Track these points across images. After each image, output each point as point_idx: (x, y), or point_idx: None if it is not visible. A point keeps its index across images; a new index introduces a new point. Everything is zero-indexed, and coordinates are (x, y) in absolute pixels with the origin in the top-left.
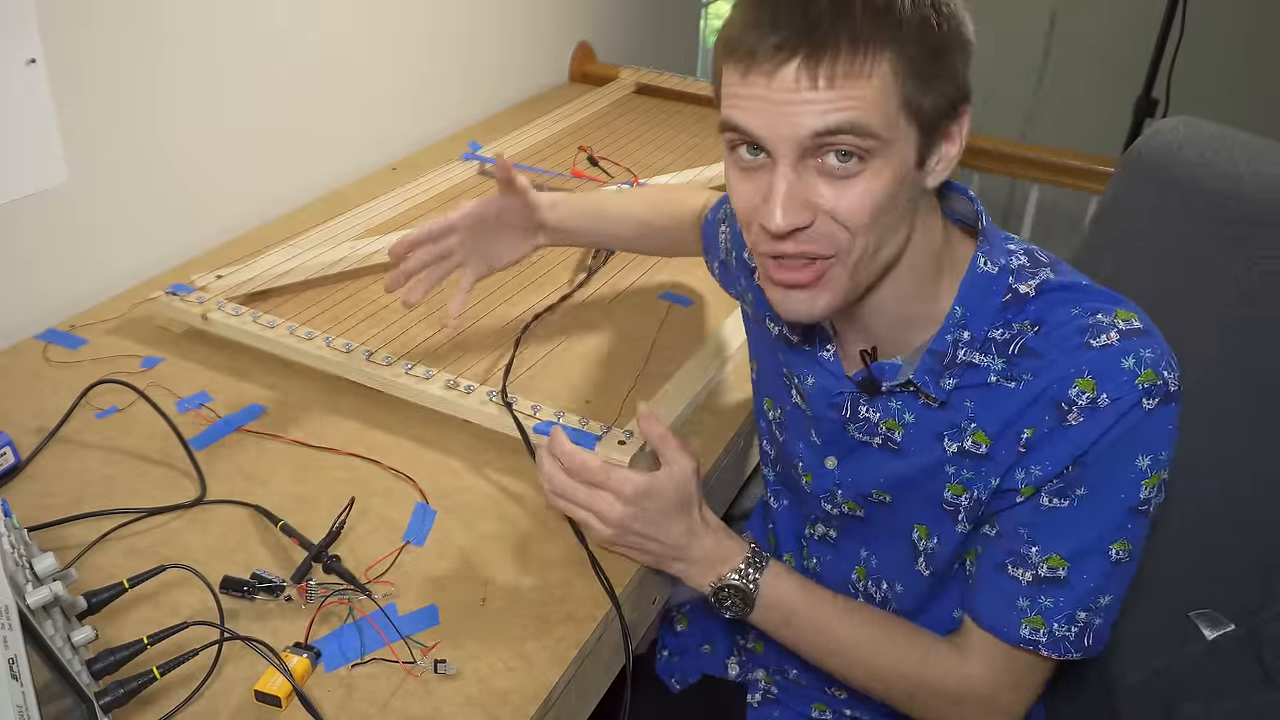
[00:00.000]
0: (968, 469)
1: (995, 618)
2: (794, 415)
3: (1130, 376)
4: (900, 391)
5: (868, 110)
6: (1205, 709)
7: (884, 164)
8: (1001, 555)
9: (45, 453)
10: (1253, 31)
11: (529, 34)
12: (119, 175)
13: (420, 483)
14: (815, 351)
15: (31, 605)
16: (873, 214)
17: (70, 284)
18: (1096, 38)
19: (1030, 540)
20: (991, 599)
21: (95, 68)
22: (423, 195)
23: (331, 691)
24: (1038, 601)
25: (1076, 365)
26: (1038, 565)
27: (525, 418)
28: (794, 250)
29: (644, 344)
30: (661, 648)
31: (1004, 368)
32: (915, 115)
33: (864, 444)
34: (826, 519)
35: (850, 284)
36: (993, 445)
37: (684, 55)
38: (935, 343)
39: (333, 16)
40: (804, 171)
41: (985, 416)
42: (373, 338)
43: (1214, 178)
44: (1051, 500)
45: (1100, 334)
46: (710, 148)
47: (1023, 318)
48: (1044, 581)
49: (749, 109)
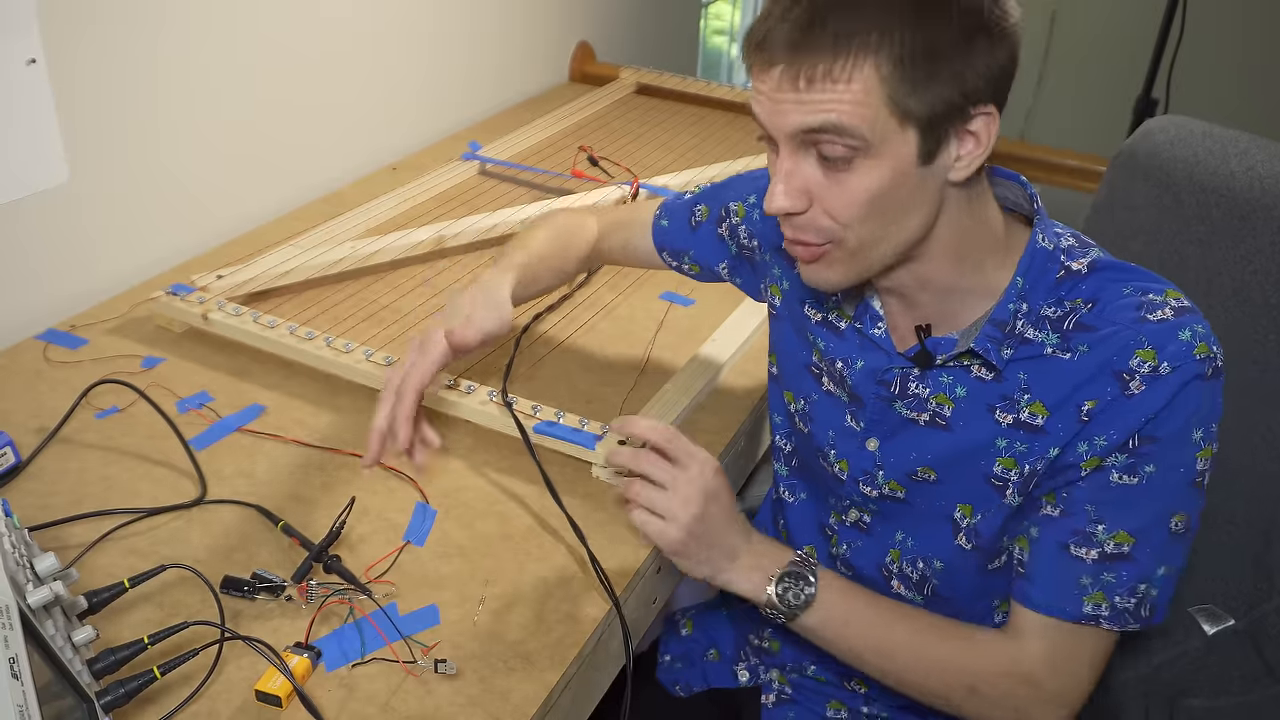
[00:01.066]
0: (1021, 442)
1: (1056, 599)
2: (824, 404)
3: (1188, 348)
4: (953, 366)
5: (848, 113)
6: (1208, 704)
7: (876, 161)
8: (1065, 535)
9: (46, 453)
10: (1253, 31)
11: (529, 34)
12: (119, 175)
13: (420, 483)
14: (866, 329)
15: (32, 605)
16: (863, 208)
17: (70, 284)
18: (1097, 37)
19: (1096, 519)
20: (1052, 581)
21: (95, 68)
22: (423, 195)
23: (332, 691)
24: (1101, 578)
25: (1136, 337)
26: (1104, 543)
27: (525, 418)
28: (790, 235)
29: (644, 344)
30: (664, 652)
31: (1059, 341)
32: (908, 116)
33: (910, 421)
34: (863, 503)
35: (856, 265)
36: (1050, 417)
37: (684, 55)
38: (997, 311)
39: (333, 17)
40: (803, 159)
41: (1041, 387)
42: (373, 338)
43: (1206, 175)
44: (1121, 477)
45: (1156, 310)
46: (710, 148)
47: (1075, 295)
48: (1109, 559)
49: (757, 101)
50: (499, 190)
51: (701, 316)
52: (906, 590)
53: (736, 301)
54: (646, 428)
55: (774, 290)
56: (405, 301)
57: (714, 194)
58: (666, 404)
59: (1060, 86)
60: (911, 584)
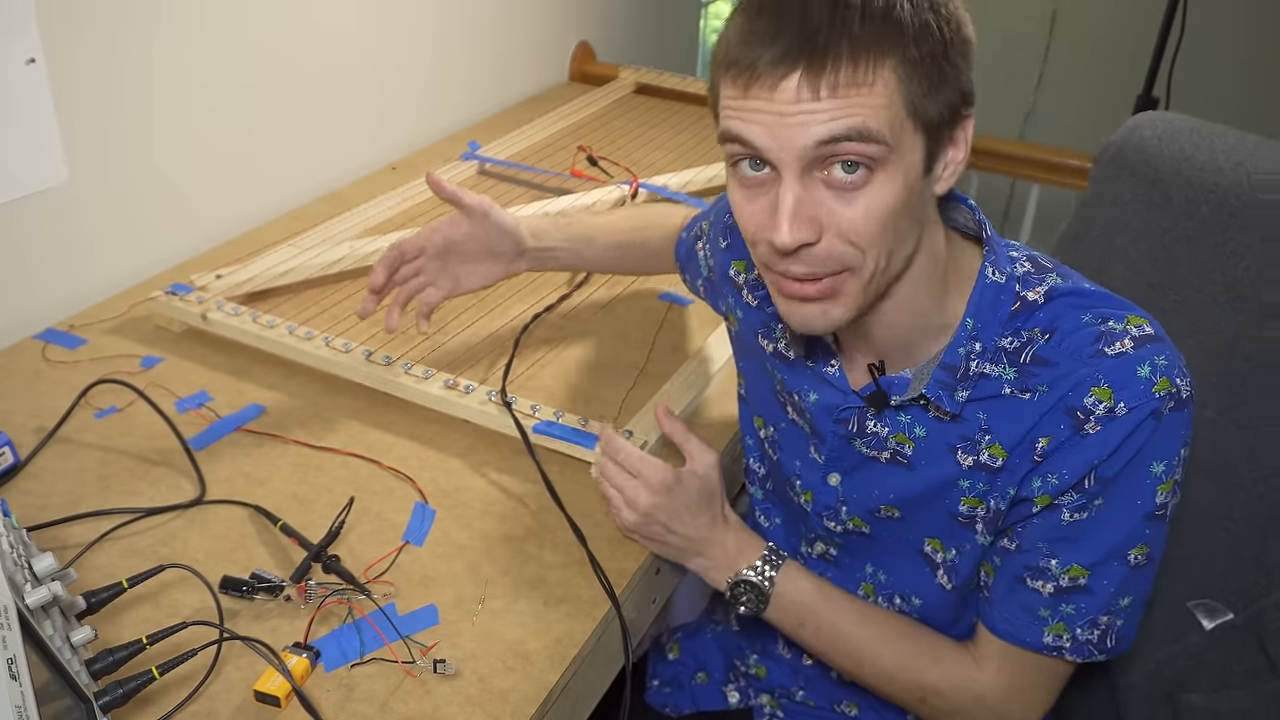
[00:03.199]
0: (983, 482)
1: (1016, 628)
2: (790, 433)
3: (1147, 385)
4: (910, 405)
5: (871, 117)
6: (1208, 699)
7: (892, 172)
8: (1020, 569)
9: (44, 453)
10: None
11: (529, 34)
12: (118, 175)
13: (420, 483)
14: (819, 367)
15: (30, 605)
16: (881, 226)
17: (70, 284)
18: (1097, 37)
19: (1050, 554)
20: (1012, 610)
21: (95, 68)
22: (423, 195)
23: (331, 691)
24: (1059, 610)
25: (1091, 373)
26: (1058, 577)
27: (525, 418)
28: (801, 271)
29: (644, 344)
30: (652, 676)
31: (1016, 378)
32: (920, 121)
33: (871, 459)
34: (828, 536)
35: (864, 297)
36: (1008, 458)
37: (684, 55)
38: (947, 355)
39: (333, 16)
40: (810, 185)
41: (1000, 429)
42: (373, 338)
43: (1195, 171)
44: (1071, 515)
45: (1114, 341)
46: (710, 148)
47: (1033, 325)
48: (1065, 591)
49: (752, 121)
50: (498, 190)
51: (701, 316)
52: (890, 606)
53: None
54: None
55: (731, 318)
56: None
57: (707, 211)
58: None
59: (1060, 86)
60: None
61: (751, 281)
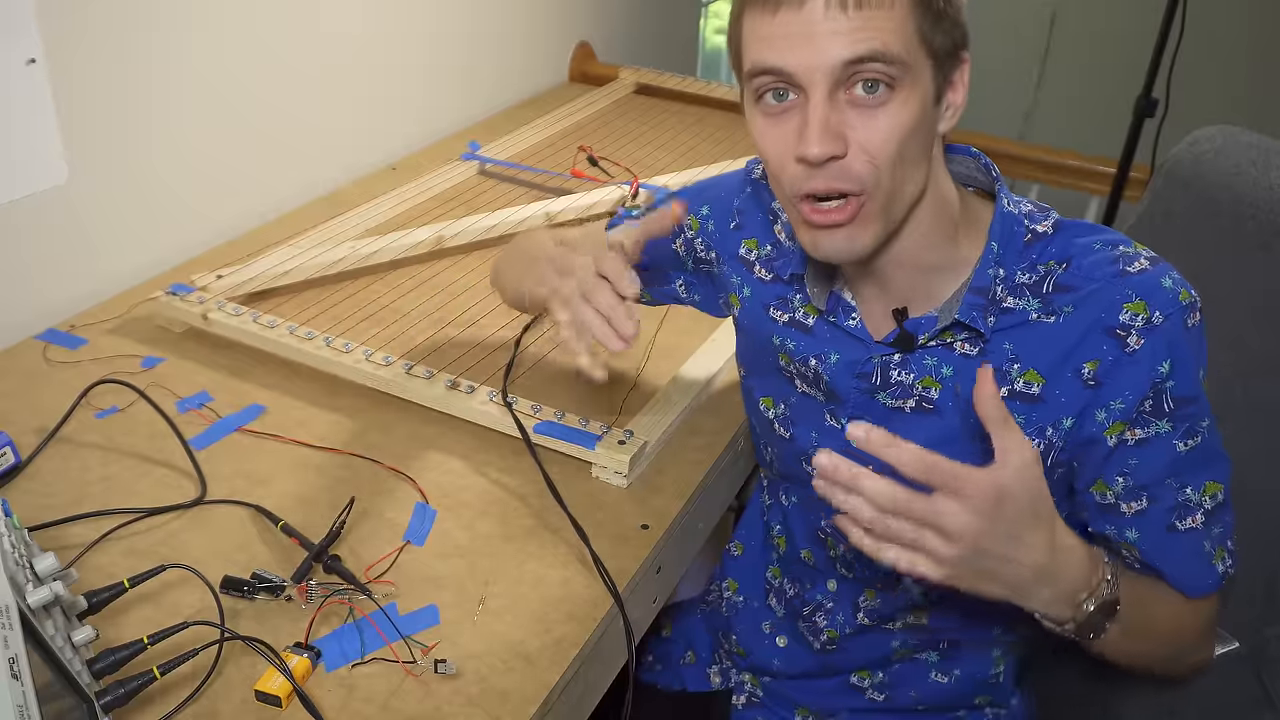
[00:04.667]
0: (1018, 413)
1: (1198, 578)
2: (801, 406)
3: (1173, 294)
4: (935, 345)
5: (891, 38)
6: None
7: (909, 94)
8: (1166, 517)
9: (45, 453)
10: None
11: (529, 34)
12: (119, 176)
13: (421, 483)
14: (840, 322)
15: (32, 605)
16: (899, 145)
17: (70, 284)
18: (1097, 37)
19: (1181, 485)
20: (1184, 562)
21: (95, 68)
22: (423, 195)
23: (332, 691)
24: (1212, 533)
25: (1121, 291)
26: (1202, 501)
27: (526, 418)
28: (825, 187)
29: (644, 344)
30: (646, 653)
31: (1040, 305)
32: (929, 49)
33: (896, 411)
34: None
35: (885, 221)
36: (1046, 384)
37: (684, 55)
38: (977, 279)
39: (333, 17)
40: (835, 103)
41: (1030, 354)
42: (373, 338)
43: (1247, 187)
44: (1186, 443)
45: (1132, 261)
46: (710, 148)
47: (1047, 257)
48: (1212, 514)
49: (781, 46)
50: (498, 190)
51: (701, 316)
52: (916, 586)
53: None
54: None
55: (734, 300)
56: (405, 301)
57: (620, 218)
58: (666, 404)
59: (1060, 86)
60: None
61: (764, 257)
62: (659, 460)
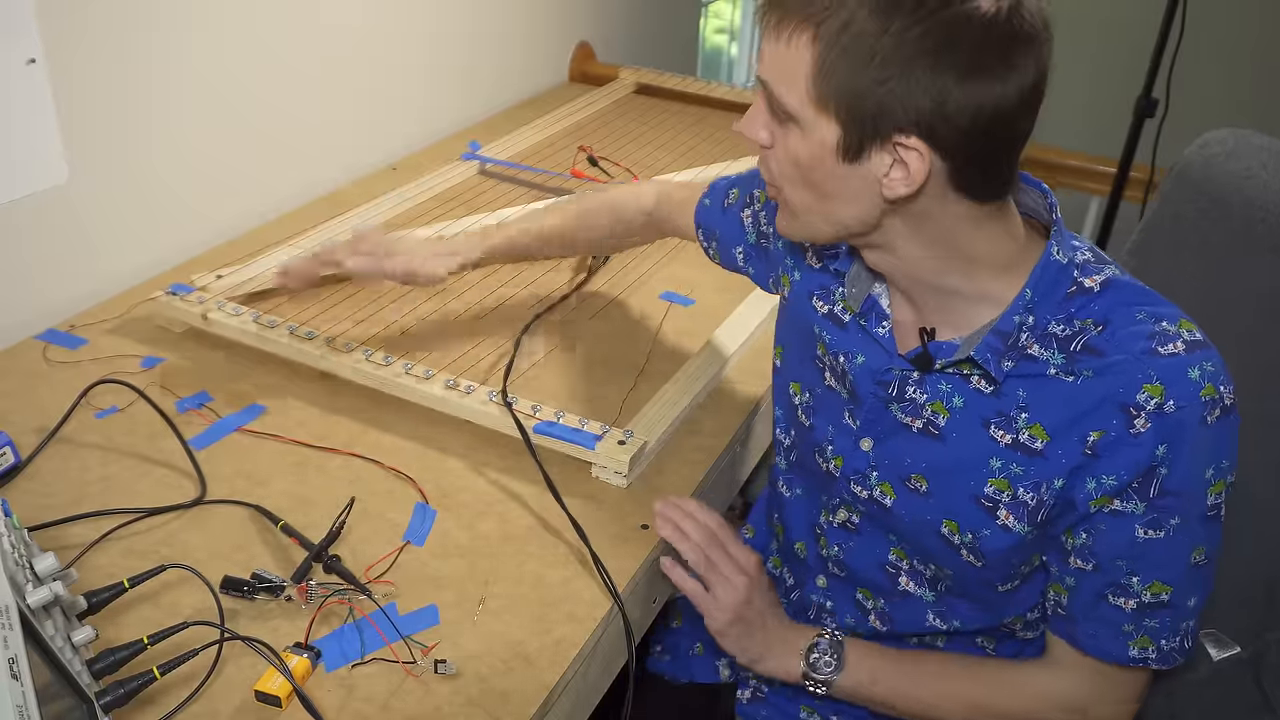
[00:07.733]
0: (1018, 464)
1: (1102, 643)
2: (825, 398)
3: (1196, 388)
4: (953, 373)
5: (779, 78)
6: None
7: (798, 138)
8: (1102, 586)
9: (45, 453)
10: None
11: (529, 34)
12: (119, 176)
13: (420, 483)
14: (871, 327)
15: (32, 605)
16: (790, 172)
17: (70, 284)
18: (1096, 37)
19: (1130, 572)
20: (1095, 627)
21: (95, 68)
22: (423, 195)
23: (331, 691)
24: (1143, 624)
25: (1145, 370)
26: (1140, 594)
27: (525, 418)
28: (766, 175)
29: (644, 344)
30: (654, 642)
31: (1063, 363)
32: (821, 102)
33: (904, 426)
34: (852, 502)
35: (800, 226)
36: (1050, 443)
37: (684, 55)
38: (1002, 322)
39: (333, 16)
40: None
41: (1041, 408)
42: (373, 338)
43: (1257, 190)
44: (1147, 532)
45: (1168, 342)
46: (710, 148)
47: (1086, 315)
48: (1148, 607)
49: None
50: (499, 190)
51: (701, 316)
52: (917, 588)
53: (736, 302)
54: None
55: (785, 280)
56: (405, 301)
57: (748, 179)
58: (666, 404)
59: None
60: (924, 580)
61: (817, 245)
62: (659, 460)
